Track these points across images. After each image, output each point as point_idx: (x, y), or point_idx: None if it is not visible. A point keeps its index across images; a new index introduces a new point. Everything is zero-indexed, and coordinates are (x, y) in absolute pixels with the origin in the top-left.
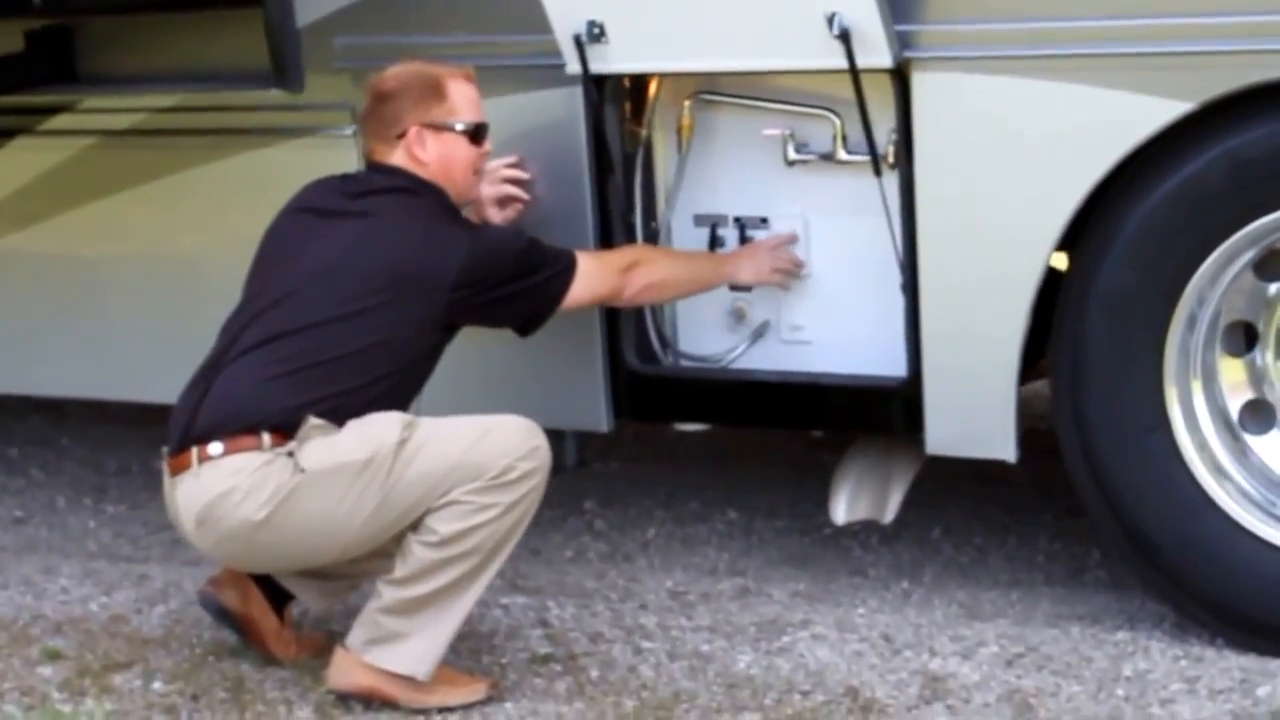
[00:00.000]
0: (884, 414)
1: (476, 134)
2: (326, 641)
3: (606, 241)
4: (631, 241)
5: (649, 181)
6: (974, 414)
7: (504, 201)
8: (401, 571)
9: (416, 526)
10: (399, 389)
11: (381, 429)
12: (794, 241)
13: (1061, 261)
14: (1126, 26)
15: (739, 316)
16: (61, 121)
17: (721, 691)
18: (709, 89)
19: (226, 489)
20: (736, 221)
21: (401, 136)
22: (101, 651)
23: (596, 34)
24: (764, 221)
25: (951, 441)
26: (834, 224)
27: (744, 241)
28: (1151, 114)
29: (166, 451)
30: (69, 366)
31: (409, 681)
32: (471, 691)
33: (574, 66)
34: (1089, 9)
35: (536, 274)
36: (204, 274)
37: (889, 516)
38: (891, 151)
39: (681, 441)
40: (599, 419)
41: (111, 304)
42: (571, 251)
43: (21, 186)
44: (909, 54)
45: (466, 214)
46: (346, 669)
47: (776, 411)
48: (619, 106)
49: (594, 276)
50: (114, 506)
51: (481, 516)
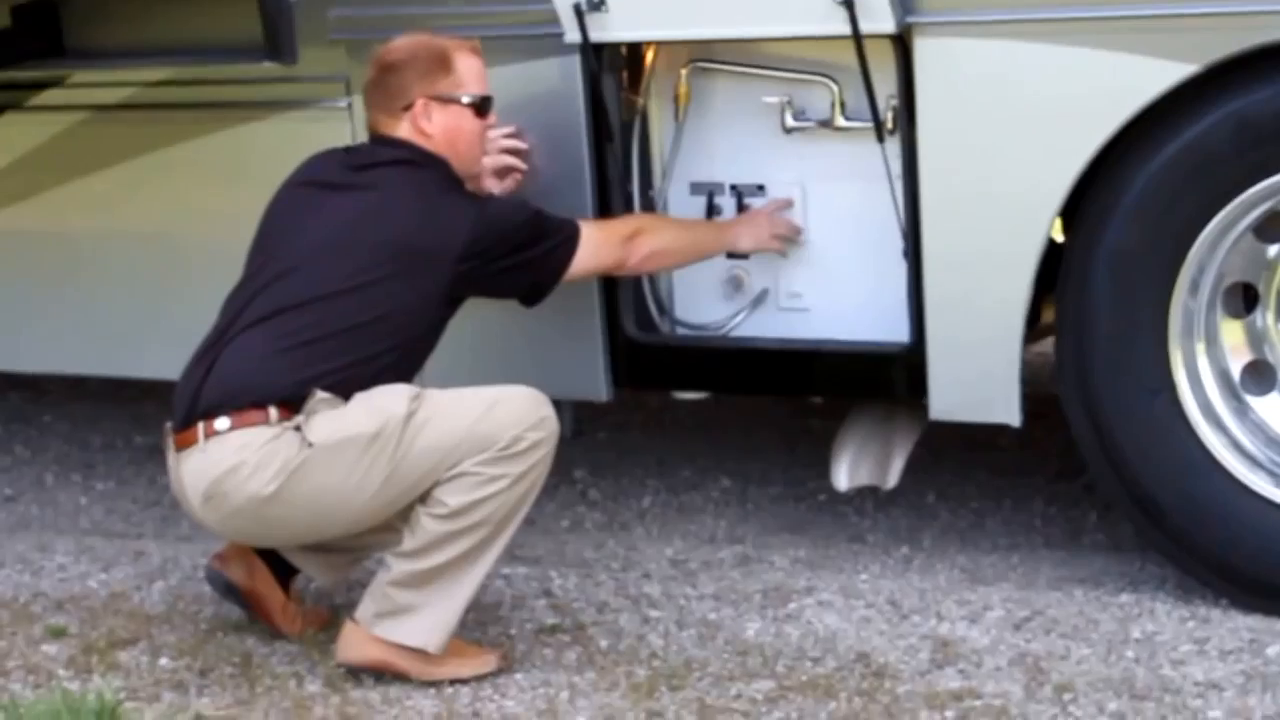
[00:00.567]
0: (886, 380)
1: (482, 106)
2: (332, 615)
3: (605, 210)
4: (630, 211)
5: (646, 150)
6: (978, 379)
7: (502, 171)
8: (411, 544)
9: (425, 499)
10: (404, 361)
11: (389, 402)
12: (790, 207)
13: (1058, 232)
14: None
15: (737, 284)
16: (51, 97)
17: (732, 659)
18: (705, 57)
19: (234, 464)
20: (733, 189)
21: (407, 109)
22: (105, 628)
23: (596, 2)
24: (761, 189)
25: (955, 407)
26: (832, 191)
27: (741, 210)
28: (1156, 76)
29: (170, 427)
30: (60, 342)
31: (420, 654)
32: (482, 663)
33: (573, 35)
34: None
35: (541, 244)
36: (196, 249)
37: (891, 482)
38: (891, 117)
39: (668, 409)
40: (598, 388)
41: (104, 280)
42: (574, 221)
43: (10, 163)
44: (911, 19)
45: (466, 186)
46: (356, 642)
47: (777, 378)
48: (616, 75)
49: (597, 245)
50: (103, 483)
51: (491, 488)
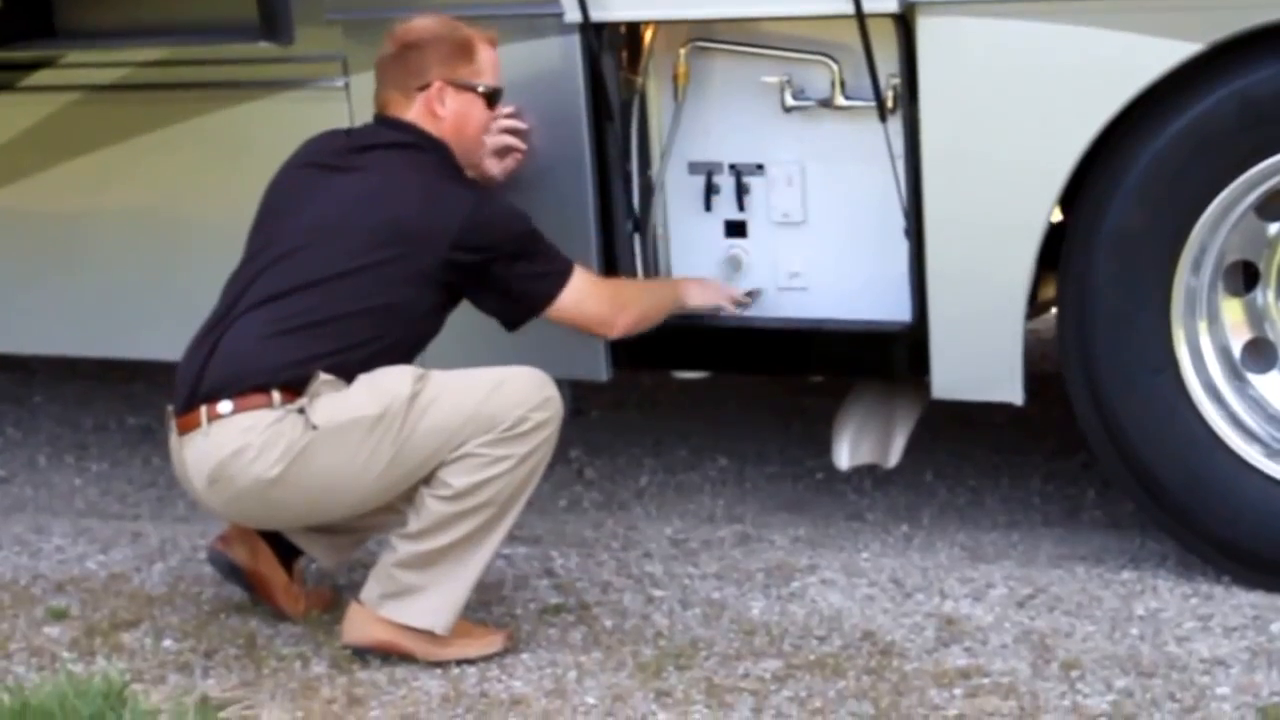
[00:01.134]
0: (888, 359)
1: (494, 98)
2: (335, 596)
3: (604, 191)
4: (629, 190)
5: (645, 130)
6: (981, 357)
7: (502, 151)
8: (415, 525)
9: (430, 480)
10: (404, 345)
11: (393, 383)
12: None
13: (1056, 214)
14: None
15: (735, 265)
16: (43, 77)
17: (738, 638)
18: (705, 36)
19: (238, 447)
20: (732, 169)
21: (423, 89)
22: (107, 610)
23: None
24: (760, 168)
25: (958, 385)
26: (832, 170)
27: (741, 189)
28: (1160, 55)
29: (172, 410)
30: (53, 324)
31: (426, 635)
32: (488, 643)
33: (573, 15)
34: None
35: (534, 262)
36: (191, 230)
37: (893, 461)
38: (893, 96)
39: (661, 388)
40: (598, 368)
41: (98, 261)
42: (570, 261)
43: (1, 144)
44: None
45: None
46: (362, 623)
47: (778, 358)
48: (616, 55)
49: (587, 294)
50: (97, 464)
51: (496, 469)
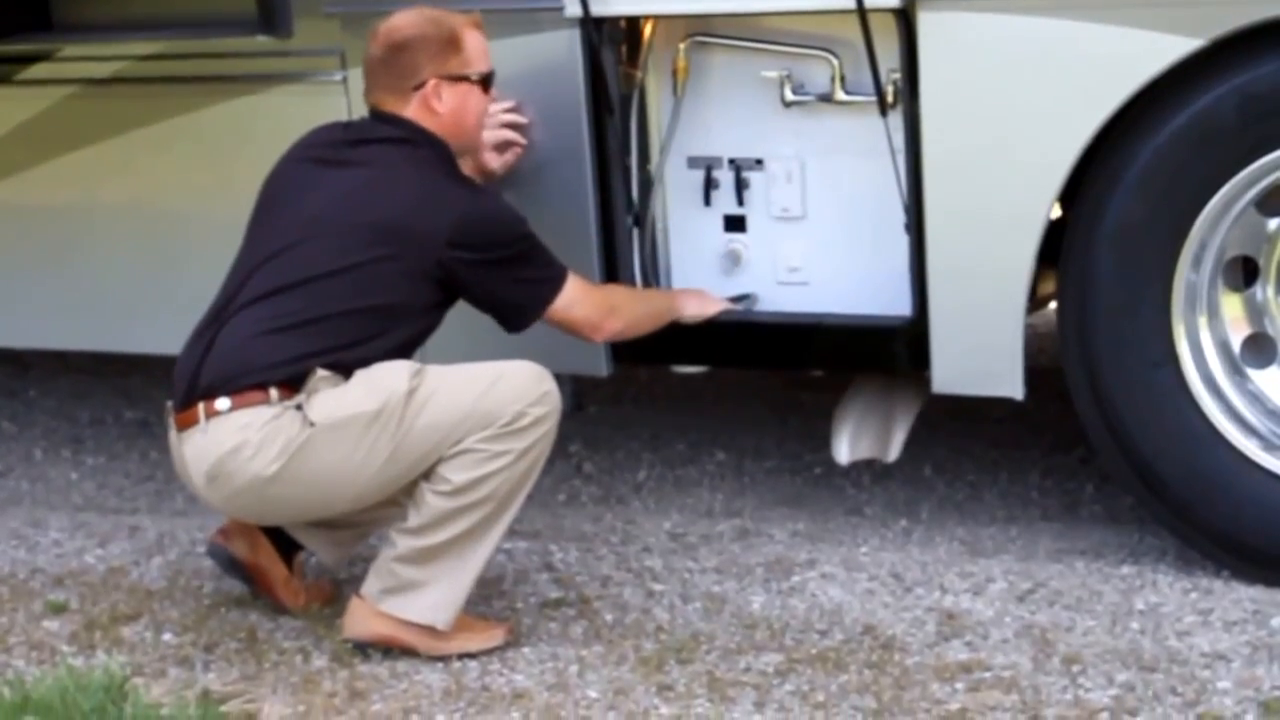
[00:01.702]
0: (888, 353)
1: (487, 82)
2: (335, 589)
3: (603, 186)
4: (628, 184)
5: (644, 124)
6: (981, 352)
7: (502, 146)
8: (415, 521)
9: (429, 475)
10: (401, 342)
11: (390, 379)
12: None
13: (1057, 209)
14: None
15: (735, 259)
16: (39, 71)
17: (739, 633)
18: (704, 31)
19: (236, 444)
20: (732, 163)
21: (418, 88)
22: (106, 604)
23: None
24: (759, 163)
25: (958, 380)
26: (832, 164)
27: (740, 183)
28: (1161, 51)
29: (171, 406)
30: (50, 318)
31: (427, 629)
32: (489, 637)
33: (574, 9)
34: None
35: (527, 267)
36: (188, 224)
37: (893, 455)
38: (893, 91)
39: (659, 383)
40: (598, 363)
41: (95, 255)
42: (564, 267)
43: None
44: None
45: (463, 163)
46: (363, 618)
47: (778, 352)
48: (616, 49)
49: (580, 301)
50: (93, 458)
51: (494, 464)
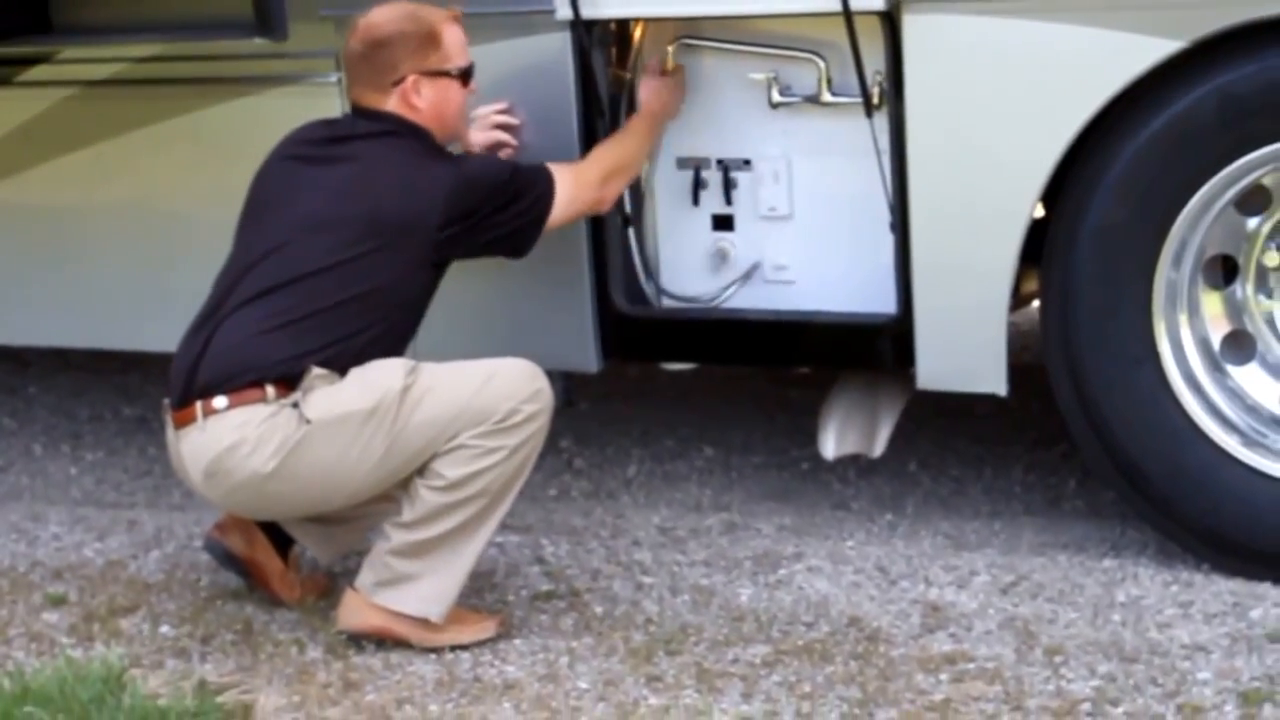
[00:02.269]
0: (874, 350)
1: (467, 75)
2: (330, 583)
3: None
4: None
5: None
6: (965, 349)
7: (494, 146)
8: (410, 515)
9: (423, 471)
10: (396, 330)
11: (385, 377)
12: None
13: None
14: None
15: (723, 257)
16: (41, 72)
17: (727, 624)
18: (692, 34)
19: (234, 442)
20: (720, 164)
21: (397, 83)
22: (105, 596)
23: None
24: (747, 163)
25: (942, 376)
26: (818, 165)
27: (729, 185)
28: (1142, 53)
29: (168, 404)
30: (50, 316)
31: (420, 621)
32: (481, 629)
33: (565, 12)
34: None
35: (521, 200)
36: (185, 224)
37: (878, 450)
38: (878, 93)
39: (649, 380)
40: (588, 359)
41: (94, 254)
42: (548, 170)
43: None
44: None
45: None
46: (357, 609)
47: (766, 350)
48: (606, 51)
49: (573, 192)
50: (92, 453)
51: (488, 460)
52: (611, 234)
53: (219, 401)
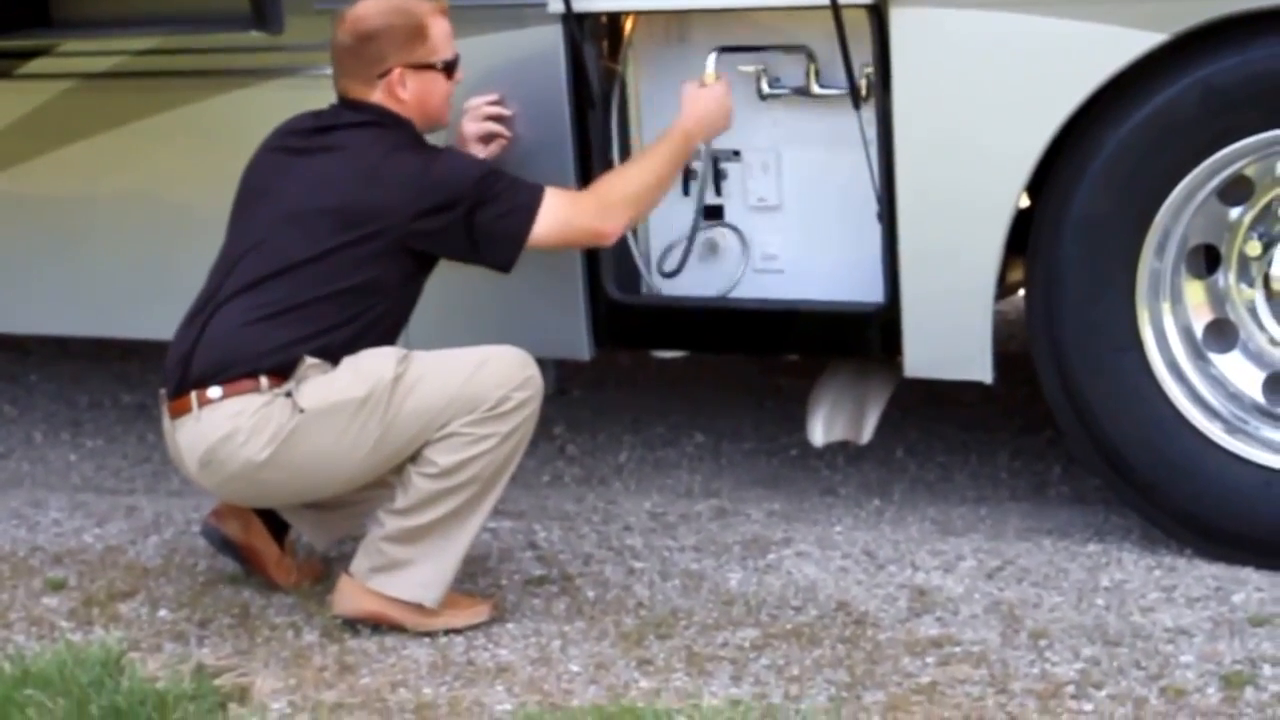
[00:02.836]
0: (862, 338)
1: (451, 67)
2: (325, 568)
3: (586, 178)
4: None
5: (625, 118)
6: (951, 337)
7: (486, 138)
8: (403, 502)
9: (416, 458)
10: (386, 320)
11: (377, 365)
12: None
13: (1024, 200)
14: None
15: (713, 247)
16: (39, 65)
17: (717, 608)
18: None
19: (228, 432)
20: (710, 155)
21: (383, 75)
22: (104, 581)
23: None
24: (737, 154)
25: (929, 364)
26: (807, 156)
27: (719, 176)
28: (1126, 45)
29: (164, 394)
30: (50, 305)
31: (415, 606)
32: (475, 614)
33: (556, 6)
34: None
35: (494, 204)
36: (182, 215)
37: (866, 437)
38: (866, 85)
39: (641, 367)
40: (580, 347)
41: (93, 244)
42: (541, 188)
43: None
44: None
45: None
46: (352, 594)
47: (756, 338)
48: (597, 44)
49: (564, 217)
50: (91, 440)
51: (479, 447)
52: None
53: (214, 391)
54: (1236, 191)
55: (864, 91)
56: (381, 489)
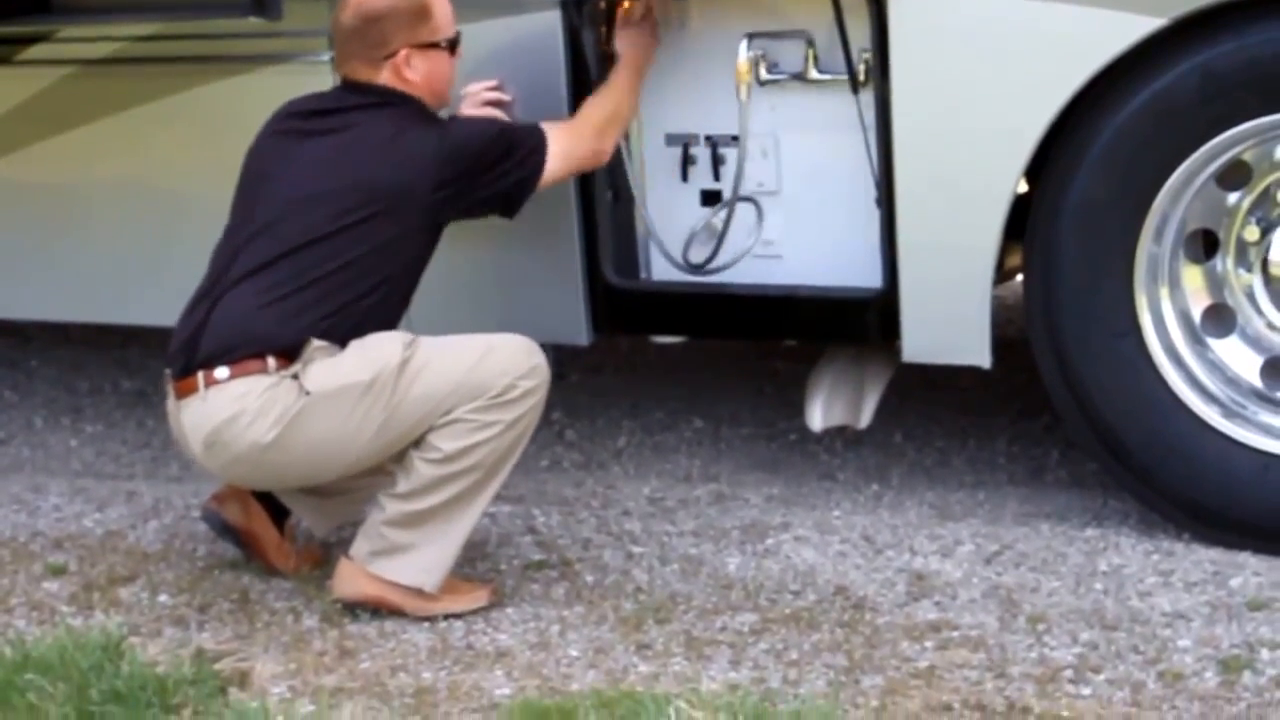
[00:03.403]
0: (860, 324)
1: (454, 45)
2: (325, 553)
3: None
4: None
5: None
6: (949, 322)
7: None
8: (405, 486)
9: (419, 443)
10: (393, 295)
11: (383, 349)
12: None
13: (1022, 185)
14: None
15: (711, 233)
16: (40, 51)
17: (716, 593)
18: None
19: (234, 413)
20: (708, 140)
21: (389, 57)
22: (104, 566)
23: None
24: (735, 139)
25: (927, 349)
26: (805, 141)
27: (716, 159)
28: (1124, 30)
29: (170, 375)
30: (50, 291)
31: (414, 591)
32: (474, 599)
33: None
34: None
35: (511, 155)
36: (181, 200)
37: (864, 422)
38: (864, 70)
39: (639, 353)
40: (579, 332)
41: (93, 230)
42: (540, 128)
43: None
44: None
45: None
46: (351, 578)
47: (755, 323)
48: (596, 29)
49: (568, 148)
50: (92, 426)
51: (483, 434)
52: (602, 209)
53: (221, 372)
54: (1235, 176)
55: (862, 77)
56: (382, 475)
